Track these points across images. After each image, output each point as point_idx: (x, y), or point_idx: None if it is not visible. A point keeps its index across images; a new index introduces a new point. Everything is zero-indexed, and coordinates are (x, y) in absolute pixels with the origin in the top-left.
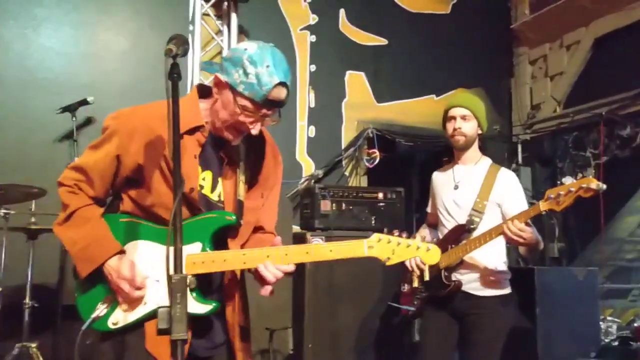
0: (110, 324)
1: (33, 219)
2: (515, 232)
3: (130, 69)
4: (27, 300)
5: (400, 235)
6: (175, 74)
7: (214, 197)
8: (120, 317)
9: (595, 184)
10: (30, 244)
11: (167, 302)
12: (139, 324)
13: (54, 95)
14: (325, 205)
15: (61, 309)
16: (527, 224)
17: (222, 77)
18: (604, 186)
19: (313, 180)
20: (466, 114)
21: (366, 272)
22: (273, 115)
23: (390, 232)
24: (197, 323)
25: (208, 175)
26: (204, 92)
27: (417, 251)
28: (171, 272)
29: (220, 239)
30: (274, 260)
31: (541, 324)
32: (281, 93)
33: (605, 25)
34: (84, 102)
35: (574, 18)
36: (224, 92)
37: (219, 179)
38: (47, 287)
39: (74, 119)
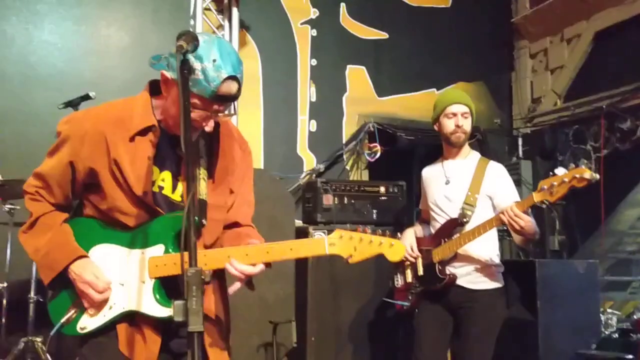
0: (78, 328)
1: None
2: (512, 217)
3: (132, 64)
4: (32, 294)
5: (364, 231)
6: (186, 70)
7: (175, 197)
8: (87, 322)
9: (588, 174)
10: None
11: (133, 306)
12: (109, 327)
13: (56, 91)
14: (328, 200)
15: None
16: (525, 212)
17: (169, 75)
18: (597, 176)
19: (314, 175)
20: (466, 112)
21: (369, 265)
22: (225, 109)
23: (354, 229)
24: (167, 325)
25: (167, 175)
26: (158, 89)
27: (379, 247)
28: (130, 282)
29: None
30: (254, 258)
31: (542, 316)
32: (231, 87)
33: (606, 18)
34: (86, 97)
35: (574, 12)
36: (172, 90)
37: (179, 178)
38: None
39: None
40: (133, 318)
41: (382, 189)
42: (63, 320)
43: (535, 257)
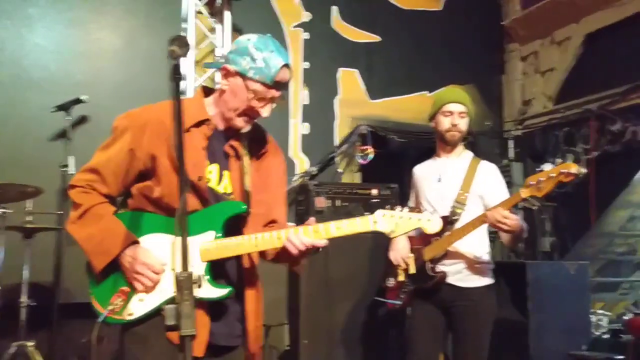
0: (126, 315)
1: (29, 218)
2: (498, 219)
3: (124, 67)
4: (23, 299)
5: (402, 209)
6: (177, 75)
7: (220, 189)
8: (136, 308)
9: (575, 168)
10: (27, 242)
11: None
12: (153, 316)
13: (48, 94)
14: (320, 202)
15: (58, 308)
16: (511, 212)
17: (231, 67)
18: (584, 170)
19: (307, 177)
20: (463, 111)
21: (361, 267)
22: (279, 98)
23: (392, 207)
24: (214, 310)
25: (215, 167)
26: (206, 93)
27: (418, 222)
28: (178, 269)
29: (232, 228)
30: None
31: (533, 317)
32: (286, 74)
33: (596, 21)
34: (78, 101)
35: (564, 14)
36: (234, 81)
37: (225, 172)
38: (43, 285)
39: (68, 117)
40: None
41: (375, 192)
42: (110, 308)
43: (525, 258)
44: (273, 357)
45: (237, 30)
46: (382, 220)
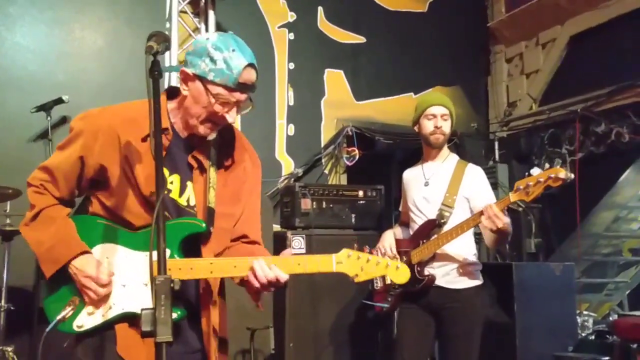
0: (75, 326)
1: (8, 220)
2: (492, 216)
3: (106, 67)
4: (2, 303)
5: (370, 252)
6: (156, 72)
7: (182, 201)
8: (85, 321)
9: (563, 173)
10: (6, 245)
11: (133, 308)
12: (107, 327)
13: (29, 94)
14: (306, 204)
15: (38, 312)
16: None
17: (189, 70)
18: (572, 175)
19: (293, 179)
20: (445, 113)
21: None
22: (245, 101)
23: (360, 249)
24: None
25: (176, 178)
26: (172, 94)
27: (386, 269)
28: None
29: (191, 246)
30: (240, 271)
31: (519, 318)
32: (251, 75)
33: (580, 23)
34: (59, 101)
35: (549, 16)
36: (194, 86)
37: (188, 183)
38: (23, 289)
39: (48, 118)
40: (133, 319)
41: (361, 193)
42: (59, 317)
43: (511, 259)
44: None
45: (221, 30)
46: (347, 262)
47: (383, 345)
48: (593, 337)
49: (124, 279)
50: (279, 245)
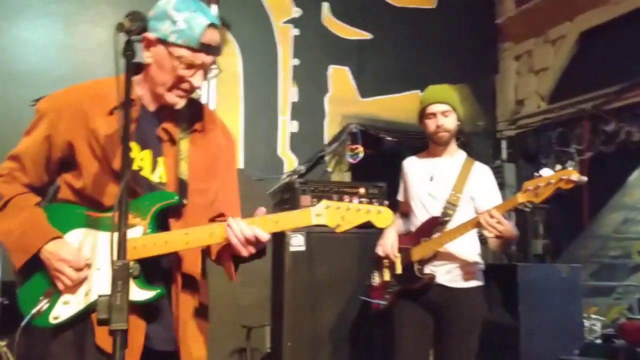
0: (51, 318)
1: None
2: (491, 223)
3: (108, 60)
4: None
5: (350, 200)
6: (129, 52)
7: (154, 178)
8: (61, 311)
9: (576, 176)
10: None
11: (107, 292)
12: (83, 317)
13: (30, 87)
14: (305, 200)
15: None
16: (503, 216)
17: (151, 35)
18: (585, 178)
19: (295, 176)
20: (446, 110)
21: (346, 268)
22: (211, 64)
23: (340, 198)
24: (150, 312)
25: (147, 155)
26: (137, 70)
27: (367, 214)
28: (107, 260)
29: (166, 223)
30: (217, 238)
31: (524, 321)
32: (215, 35)
33: (591, 19)
34: None
35: (559, 12)
36: (157, 51)
37: (159, 159)
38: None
39: None
40: None
41: (362, 190)
42: (34, 310)
43: (517, 260)
44: (255, 359)
45: (224, 25)
46: (326, 213)
47: (382, 343)
48: (600, 340)
49: (98, 262)
50: (277, 242)
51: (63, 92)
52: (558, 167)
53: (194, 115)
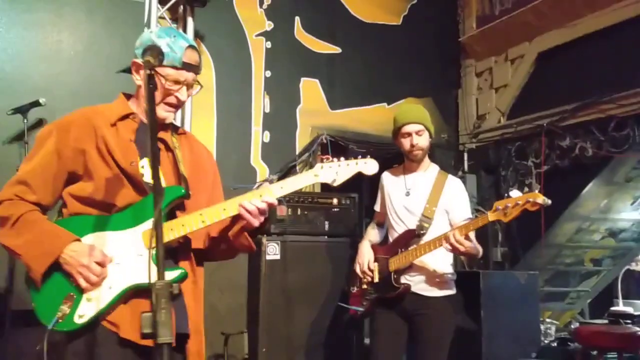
0: (76, 317)
1: None
2: (454, 243)
3: (84, 71)
4: None
5: (338, 159)
6: (151, 85)
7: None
8: (87, 309)
9: (541, 199)
10: None
11: (134, 280)
12: (106, 313)
13: (5, 96)
14: (282, 211)
15: (10, 315)
16: (467, 237)
17: (139, 60)
18: (549, 201)
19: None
20: (420, 129)
21: (320, 275)
22: (193, 83)
23: (330, 159)
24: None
25: (146, 162)
26: (128, 98)
27: (356, 167)
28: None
29: (172, 216)
30: (230, 212)
31: (485, 325)
32: (194, 55)
33: (548, 40)
34: (36, 104)
35: (518, 33)
36: (144, 74)
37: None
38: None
39: (25, 120)
40: (132, 298)
41: (335, 201)
42: (59, 314)
43: (479, 268)
44: None
45: (199, 37)
46: (322, 172)
47: (356, 349)
48: (555, 344)
49: (116, 258)
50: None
51: (64, 116)
52: (525, 189)
53: (180, 134)
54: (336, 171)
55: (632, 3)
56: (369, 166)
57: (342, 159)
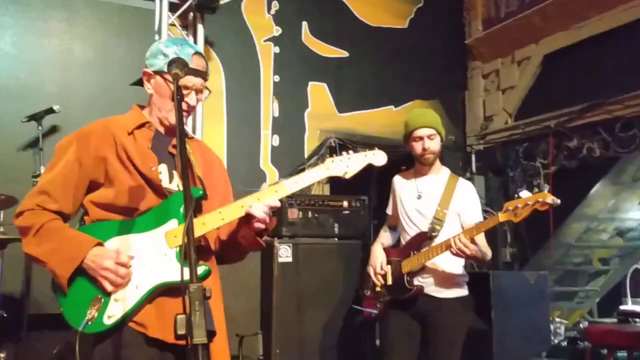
0: (105, 318)
1: (1, 229)
2: (458, 248)
3: (96, 78)
4: None
5: (347, 153)
6: (179, 96)
7: (172, 187)
8: (115, 309)
9: (550, 199)
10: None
11: (160, 279)
12: (133, 314)
13: (19, 104)
14: (293, 214)
15: (27, 319)
16: (473, 241)
17: (149, 70)
18: (559, 201)
19: None
20: (431, 133)
21: (331, 277)
22: (202, 88)
23: (341, 153)
24: None
25: (163, 168)
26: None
27: (365, 159)
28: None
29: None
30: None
31: (496, 325)
32: (201, 61)
33: (554, 42)
34: (50, 111)
35: (524, 35)
36: (155, 81)
37: (174, 172)
38: (13, 296)
39: (39, 127)
40: (158, 297)
41: (345, 204)
42: (88, 316)
43: (488, 268)
44: None
45: (208, 43)
46: (333, 166)
47: (369, 350)
48: (565, 343)
49: (141, 260)
50: (265, 254)
51: (83, 127)
52: (535, 190)
53: (192, 143)
54: (347, 164)
55: (637, 5)
56: (377, 157)
57: (350, 152)
